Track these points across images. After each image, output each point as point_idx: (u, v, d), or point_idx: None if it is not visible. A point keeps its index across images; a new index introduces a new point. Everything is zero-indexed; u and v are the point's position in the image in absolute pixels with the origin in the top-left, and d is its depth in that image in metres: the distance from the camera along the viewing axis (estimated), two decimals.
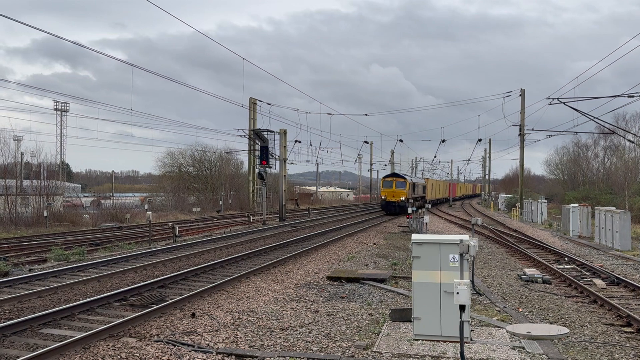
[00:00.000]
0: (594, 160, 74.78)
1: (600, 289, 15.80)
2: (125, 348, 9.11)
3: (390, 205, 52.09)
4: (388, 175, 56.56)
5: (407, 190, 52.10)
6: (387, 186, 52.90)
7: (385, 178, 55.01)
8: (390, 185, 52.58)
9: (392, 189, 52.03)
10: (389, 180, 53.97)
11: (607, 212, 28.31)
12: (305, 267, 18.70)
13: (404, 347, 9.53)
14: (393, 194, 51.91)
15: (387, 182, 53.74)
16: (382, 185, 54.34)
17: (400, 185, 52.49)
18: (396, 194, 51.92)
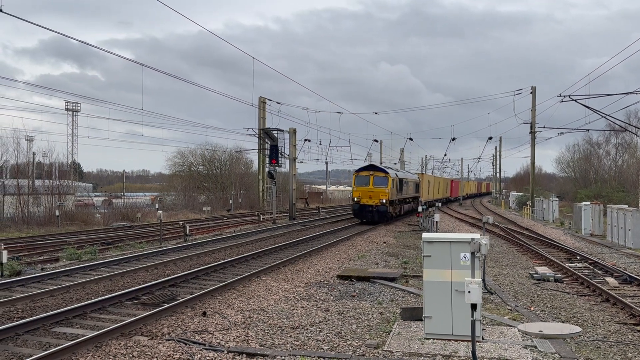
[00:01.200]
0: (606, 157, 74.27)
1: (612, 287, 15.68)
2: (137, 347, 9.16)
3: (365, 211, 36.63)
4: (363, 167, 38.85)
5: (390, 189, 36.91)
6: (361, 183, 37.25)
7: (359, 172, 37.97)
8: (366, 182, 36.98)
9: (368, 188, 36.64)
10: (364, 175, 37.46)
11: (619, 210, 28.10)
12: (316, 265, 18.71)
13: (415, 346, 9.50)
14: (370, 193, 36.39)
15: (361, 178, 37.51)
16: (355, 181, 37.86)
17: (379, 181, 36.96)
18: (374, 194, 36.43)
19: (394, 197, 38.78)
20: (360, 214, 37.23)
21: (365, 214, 36.84)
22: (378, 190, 36.57)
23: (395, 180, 39.00)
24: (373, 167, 38.87)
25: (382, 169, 38.39)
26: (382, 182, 36.92)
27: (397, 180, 39.75)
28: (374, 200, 36.47)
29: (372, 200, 36.47)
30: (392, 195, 37.78)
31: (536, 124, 47.59)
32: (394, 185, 38.15)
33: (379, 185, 36.77)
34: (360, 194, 36.75)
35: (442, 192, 71.68)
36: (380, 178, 37.12)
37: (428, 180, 59.98)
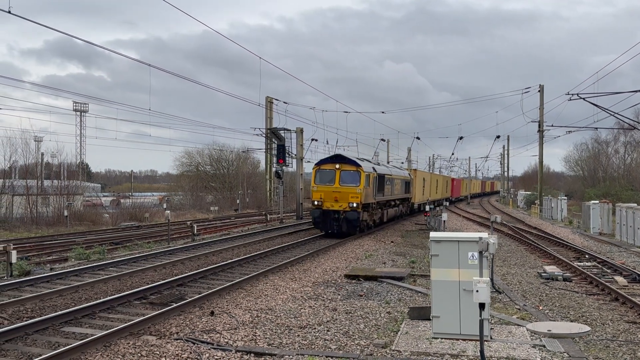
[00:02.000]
0: (614, 156, 73.90)
1: (621, 286, 15.59)
2: (146, 346, 9.19)
3: (329, 218, 26.97)
4: (327, 159, 28.38)
5: (364, 189, 27.01)
6: (324, 180, 27.26)
7: (321, 165, 27.80)
8: (330, 179, 27.15)
9: (332, 187, 26.91)
10: (327, 169, 27.40)
11: (628, 208, 27.94)
12: (323, 265, 18.71)
13: (423, 346, 9.49)
14: (335, 194, 26.83)
15: (323, 174, 27.45)
16: (315, 177, 27.59)
17: (349, 178, 27.07)
18: (341, 196, 26.81)
19: (370, 199, 28.27)
20: (322, 223, 27.01)
21: (328, 223, 26.82)
22: (347, 190, 26.51)
23: (372, 177, 28.41)
24: (340, 158, 27.60)
25: (353, 161, 27.37)
26: (353, 179, 26.70)
27: (375, 176, 29.12)
28: (341, 203, 26.48)
29: (338, 203, 26.51)
30: (366, 197, 27.39)
31: (544, 122, 47.40)
32: (369, 183, 27.78)
33: (348, 183, 26.69)
34: (322, 196, 26.69)
35: (441, 192, 62.29)
36: (349, 174, 26.81)
37: (423, 178, 49.57)
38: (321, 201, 26.75)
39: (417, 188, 45.92)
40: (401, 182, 37.83)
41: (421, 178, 48.55)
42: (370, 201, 28.56)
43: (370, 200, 28.50)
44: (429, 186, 52.98)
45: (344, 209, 26.56)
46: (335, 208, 26.62)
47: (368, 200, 28.07)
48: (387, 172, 33.24)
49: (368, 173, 27.62)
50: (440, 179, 63.92)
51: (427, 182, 51.63)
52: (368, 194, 27.75)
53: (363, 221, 27.67)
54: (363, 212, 27.30)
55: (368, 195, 27.81)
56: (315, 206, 27.02)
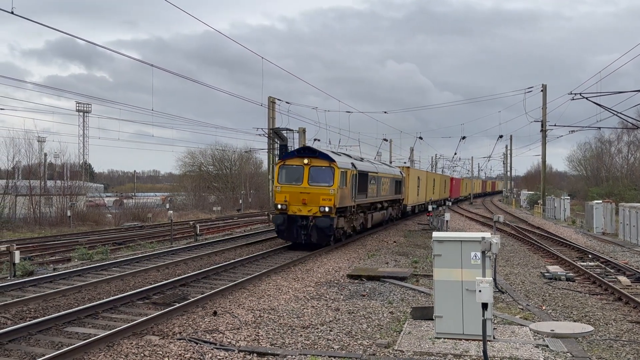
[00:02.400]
0: (618, 155, 73.69)
1: (625, 286, 15.57)
2: (149, 346, 9.20)
3: (296, 226, 22.13)
4: (293, 152, 24.47)
5: (339, 189, 22.17)
6: (291, 178, 22.67)
7: (287, 160, 23.31)
8: (297, 177, 22.51)
9: (300, 187, 22.25)
10: (294, 164, 22.78)
11: (632, 208, 27.88)
12: (326, 265, 18.71)
13: (425, 346, 9.48)
14: (303, 197, 22.14)
15: (289, 170, 22.86)
16: (280, 175, 22.94)
17: (320, 175, 22.36)
18: (310, 198, 22.08)
19: (347, 202, 23.23)
20: (287, 232, 21.99)
21: (295, 232, 21.84)
22: (317, 191, 21.67)
23: (351, 175, 23.37)
24: (309, 150, 22.84)
25: (325, 155, 22.44)
26: (325, 177, 21.87)
27: (355, 174, 24.10)
28: (311, 207, 21.63)
29: (307, 207, 21.67)
30: (342, 199, 22.40)
31: (547, 122, 47.32)
32: (346, 181, 22.82)
33: (320, 182, 21.87)
34: (287, 198, 21.91)
35: (439, 192, 57.97)
36: (321, 171, 21.97)
37: (417, 177, 45.00)
38: (286, 204, 21.86)
39: (411, 188, 41.15)
40: (390, 182, 32.72)
41: (415, 177, 43.80)
42: (347, 204, 23.33)
43: (347, 203, 23.31)
44: (425, 186, 48.48)
45: (314, 214, 21.58)
46: (303, 213, 21.64)
47: (345, 203, 22.91)
48: (371, 169, 27.72)
49: (345, 170, 22.65)
50: (437, 178, 59.18)
51: (422, 181, 46.95)
52: (345, 195, 22.69)
53: (339, 229, 22.81)
54: (338, 217, 22.37)
55: (345, 197, 22.74)
56: (278, 211, 22.01)
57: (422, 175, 47.68)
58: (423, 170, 56.57)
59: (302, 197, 21.88)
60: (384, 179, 30.92)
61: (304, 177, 22.10)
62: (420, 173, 47.95)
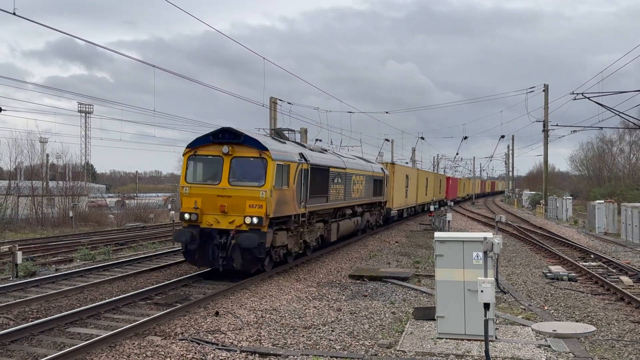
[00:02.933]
0: (620, 155, 73.62)
1: (627, 286, 15.55)
2: (151, 346, 9.21)
3: (210, 245, 14.97)
4: (206, 137, 15.64)
5: (274, 190, 15.00)
6: (206, 175, 15.75)
7: (198, 148, 15.68)
8: (214, 174, 15.43)
9: (216, 188, 15.16)
10: (210, 154, 15.57)
11: (634, 208, 27.84)
12: (328, 265, 18.71)
13: (427, 346, 9.48)
14: (222, 202, 15.03)
15: (203, 162, 15.81)
16: (187, 171, 15.67)
17: (246, 171, 15.34)
18: (232, 204, 14.97)
19: (291, 209, 16.39)
20: (198, 252, 15.29)
21: (209, 254, 15.12)
22: (242, 194, 15.06)
23: (297, 170, 16.59)
24: (230, 134, 15.46)
25: (254, 141, 15.34)
26: (253, 173, 15.32)
27: (305, 169, 17.18)
28: (233, 217, 15.04)
29: (227, 218, 15.10)
30: (281, 205, 15.66)
31: (549, 122, 47.27)
32: (288, 179, 16.05)
33: (246, 179, 15.36)
34: (198, 203, 15.27)
35: (433, 192, 51.65)
36: (247, 163, 15.43)
37: (406, 175, 38.17)
38: (197, 213, 14.92)
39: (397, 188, 34.71)
40: (366, 181, 25.64)
41: (402, 175, 37.04)
42: (291, 211, 16.17)
43: (291, 211, 16.14)
44: (415, 186, 42.27)
45: (238, 228, 14.66)
46: (222, 226, 14.84)
47: (286, 211, 15.82)
48: (333, 164, 20.39)
49: (285, 163, 15.59)
50: (431, 177, 52.39)
51: (411, 180, 40.47)
52: (286, 199, 15.72)
53: (277, 248, 15.74)
54: (276, 231, 15.41)
55: (286, 202, 15.72)
56: (186, 222, 15.05)
57: (411, 174, 41.07)
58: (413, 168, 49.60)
59: (219, 202, 14.84)
60: (357, 176, 23.90)
61: (223, 174, 15.01)
62: (409, 171, 41.20)
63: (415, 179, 42.31)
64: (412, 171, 42.64)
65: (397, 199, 35.13)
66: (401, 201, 36.84)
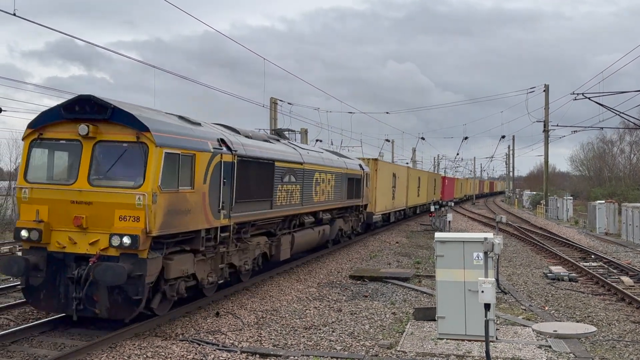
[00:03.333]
0: (620, 156, 73.59)
1: (628, 286, 15.54)
2: (151, 347, 9.21)
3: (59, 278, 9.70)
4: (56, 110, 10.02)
5: (162, 196, 9.62)
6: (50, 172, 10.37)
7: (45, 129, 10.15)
8: (68, 169, 10.14)
9: (67, 190, 9.74)
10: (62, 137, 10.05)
11: (634, 208, 27.84)
12: (328, 266, 18.70)
13: (428, 346, 9.48)
14: (76, 211, 9.61)
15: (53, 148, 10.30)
16: (28, 165, 10.21)
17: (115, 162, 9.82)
18: (93, 215, 9.57)
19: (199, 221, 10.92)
20: (44, 292, 9.97)
21: (59, 291, 9.83)
22: (108, 200, 9.68)
23: (208, 162, 11.16)
24: (92, 105, 9.78)
25: (126, 115, 9.74)
26: (127, 166, 9.91)
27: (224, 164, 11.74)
28: (96, 236, 9.68)
29: (87, 237, 9.73)
30: (175, 217, 10.13)
31: (549, 122, 47.25)
32: (187, 175, 10.55)
33: (116, 176, 9.96)
34: (44, 213, 9.95)
35: (426, 193, 46.49)
36: (117, 149, 9.93)
37: (393, 174, 33.10)
38: (39, 229, 9.94)
39: (381, 189, 29.47)
40: (336, 179, 20.45)
41: (388, 173, 31.91)
42: (202, 224, 11.13)
43: (201, 223, 11.10)
44: (405, 186, 37.54)
45: (103, 252, 9.71)
46: (80, 250, 9.87)
47: (188, 224, 10.67)
48: (279, 156, 15.31)
49: (185, 151, 10.57)
50: (424, 177, 46.50)
51: (401, 180, 35.54)
52: (188, 206, 10.59)
53: (175, 281, 10.62)
54: (170, 256, 10.40)
55: (189, 211, 10.62)
56: (26, 244, 10.20)
57: (400, 172, 36.02)
58: (402, 165, 43.43)
59: (74, 212, 9.81)
60: (322, 174, 18.80)
61: (81, 168, 9.93)
62: (397, 169, 36.16)
63: (405, 178, 37.69)
64: (400, 169, 37.64)
65: (382, 201, 30.10)
66: (387, 203, 31.76)
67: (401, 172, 36.64)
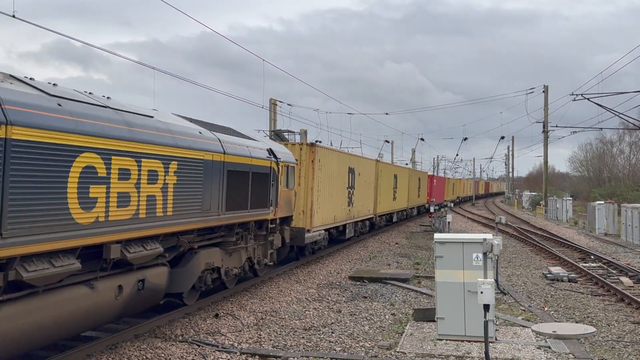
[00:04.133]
0: (620, 156, 73.73)
1: (627, 287, 15.55)
2: (151, 348, 9.22)
3: None
4: None
5: None
6: None
7: None
8: None
9: None
10: None
11: (634, 209, 27.86)
12: (327, 267, 18.71)
13: (427, 347, 9.48)
14: None
15: None
16: None
17: None
18: None
19: None
20: None
21: None
22: None
23: None
24: None
25: None
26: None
27: None
28: None
29: None
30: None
31: (549, 122, 47.28)
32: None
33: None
34: None
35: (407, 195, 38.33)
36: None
37: (349, 168, 24.01)
38: None
39: (325, 190, 20.26)
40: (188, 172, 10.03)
41: (338, 167, 22.32)
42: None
43: None
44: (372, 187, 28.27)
45: None
46: None
47: None
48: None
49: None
50: (403, 174, 36.61)
51: (362, 176, 25.74)
52: None
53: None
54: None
55: None
56: None
57: (362, 166, 26.02)
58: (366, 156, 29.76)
59: None
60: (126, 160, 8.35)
61: None
62: (355, 161, 25.06)
63: (374, 176, 28.48)
64: (363, 162, 26.74)
65: (327, 210, 20.50)
66: (337, 212, 21.97)
67: (364, 167, 26.38)
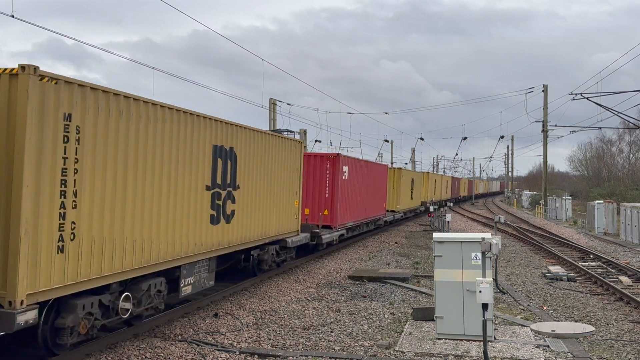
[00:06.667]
0: (619, 155, 73.73)
1: (626, 286, 15.57)
2: (150, 348, 9.22)
3: None
4: None
5: None
6: None
7: None
8: None
9: None
10: None
11: (633, 208, 27.88)
12: (327, 266, 18.72)
13: (426, 346, 9.49)
14: None
15: None
16: None
17: None
18: None
19: None
20: None
21: None
22: None
23: None
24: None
25: None
26: None
27: None
28: None
29: None
30: None
31: (548, 122, 47.28)
32: None
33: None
34: None
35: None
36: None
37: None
38: None
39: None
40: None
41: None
42: None
43: None
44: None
45: None
46: None
47: None
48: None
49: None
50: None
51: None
52: None
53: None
54: None
55: None
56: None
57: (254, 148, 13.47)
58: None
59: None
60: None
61: None
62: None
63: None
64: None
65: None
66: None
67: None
